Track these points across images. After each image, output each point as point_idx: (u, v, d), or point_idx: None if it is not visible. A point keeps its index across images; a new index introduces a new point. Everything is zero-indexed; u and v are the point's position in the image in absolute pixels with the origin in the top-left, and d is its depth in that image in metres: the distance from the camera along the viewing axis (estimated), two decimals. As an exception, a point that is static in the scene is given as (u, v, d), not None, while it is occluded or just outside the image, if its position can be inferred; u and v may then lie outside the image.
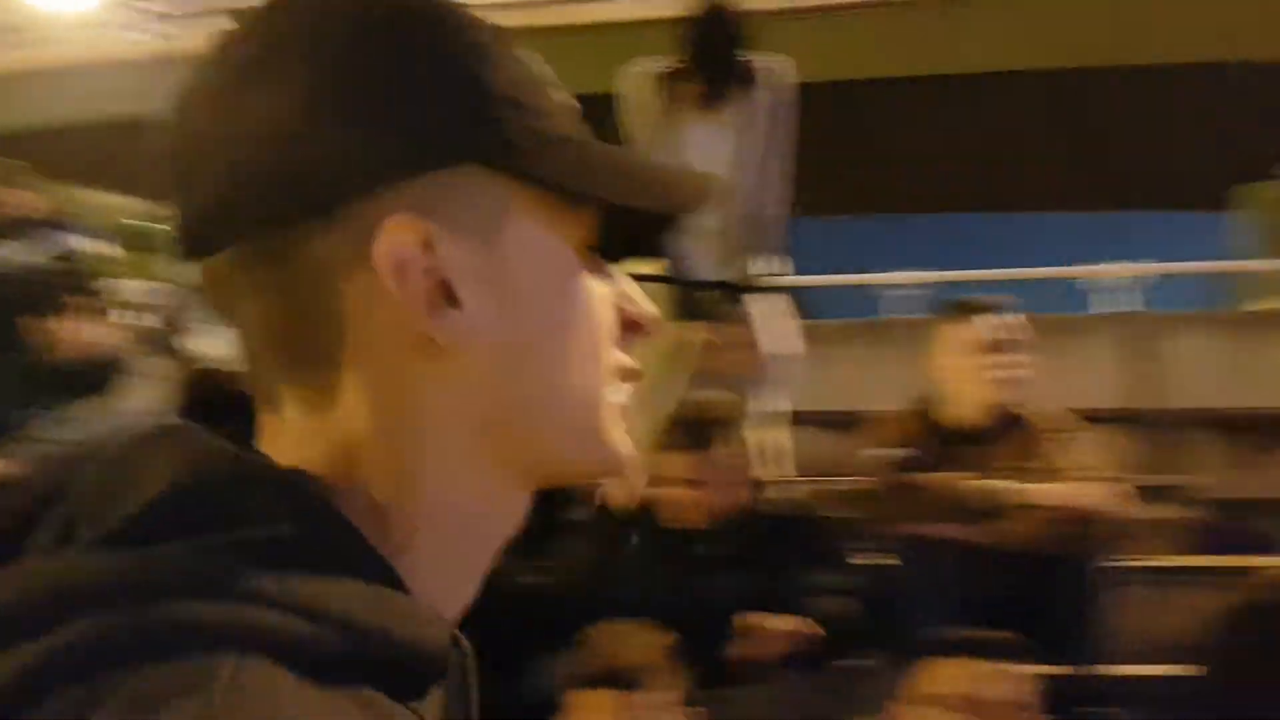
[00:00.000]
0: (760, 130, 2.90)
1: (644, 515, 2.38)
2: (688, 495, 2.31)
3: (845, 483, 3.37)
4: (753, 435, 2.80)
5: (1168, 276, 6.08)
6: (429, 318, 0.41)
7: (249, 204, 0.42)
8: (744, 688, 2.14)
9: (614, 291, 0.48)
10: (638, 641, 1.64)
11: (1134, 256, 6.04)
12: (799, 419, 3.84)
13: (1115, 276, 5.85)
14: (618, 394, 0.47)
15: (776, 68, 2.94)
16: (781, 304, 3.01)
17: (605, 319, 0.47)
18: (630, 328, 0.48)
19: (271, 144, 0.41)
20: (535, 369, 0.44)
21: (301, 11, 0.43)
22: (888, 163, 6.51)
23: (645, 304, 0.49)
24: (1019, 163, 6.64)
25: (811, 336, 4.70)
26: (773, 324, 2.98)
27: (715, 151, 2.85)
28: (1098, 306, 5.88)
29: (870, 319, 6.16)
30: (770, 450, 2.91)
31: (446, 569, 0.44)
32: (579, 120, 0.46)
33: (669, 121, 2.89)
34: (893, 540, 2.45)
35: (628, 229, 0.47)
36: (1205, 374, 4.84)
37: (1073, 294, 6.05)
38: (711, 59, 2.87)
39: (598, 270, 0.47)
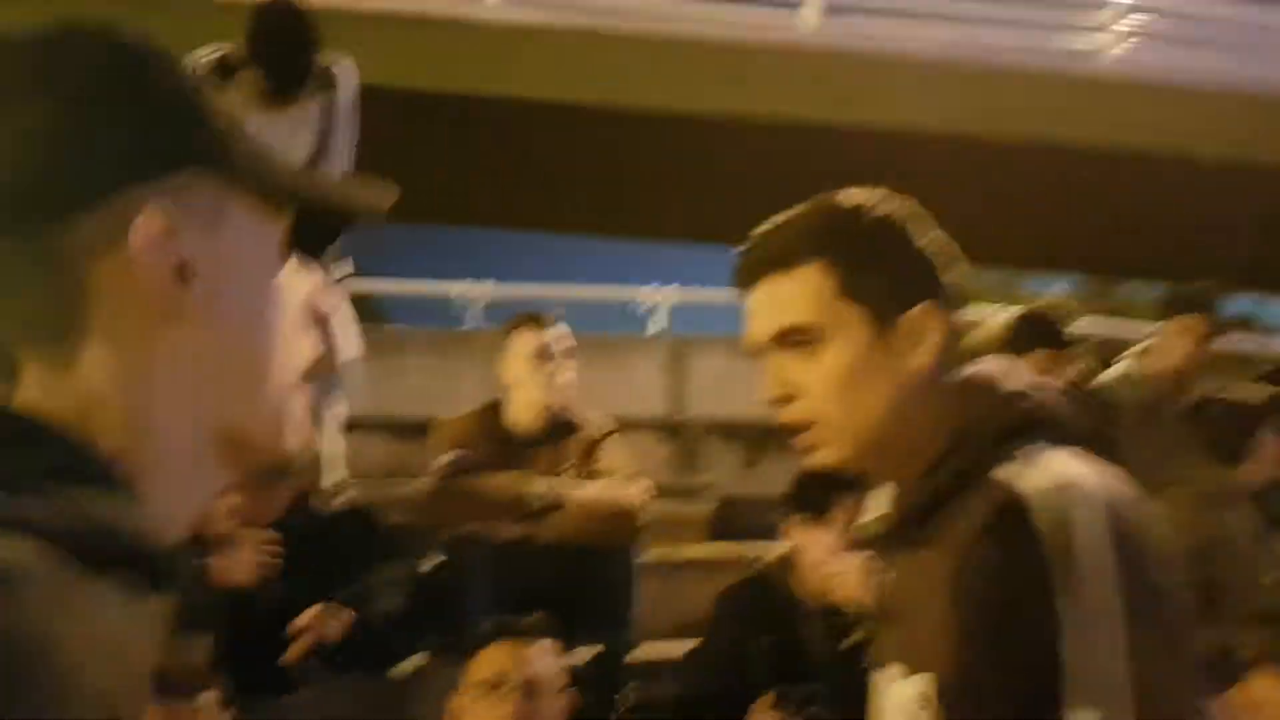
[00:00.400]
0: (327, 130, 2.88)
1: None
2: (223, 502, 2.21)
3: (408, 486, 3.42)
4: (317, 438, 2.76)
5: (700, 302, 6.87)
6: (170, 290, 0.51)
7: (13, 201, 0.50)
8: (298, 692, 2.11)
9: (308, 283, 0.58)
10: (181, 649, 1.58)
11: (676, 283, 6.78)
12: (369, 424, 3.84)
13: (661, 300, 6.53)
14: (303, 387, 0.57)
15: (342, 68, 2.93)
16: (344, 308, 2.98)
17: (297, 307, 0.57)
18: (318, 318, 0.59)
19: (38, 151, 0.50)
20: (245, 342, 0.54)
21: (40, 55, 0.53)
22: (470, 176, 6.68)
23: (329, 296, 0.56)
24: (587, 190, 7.12)
25: (388, 343, 4.69)
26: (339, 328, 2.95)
27: (276, 147, 2.78)
28: (651, 328, 6.52)
29: (450, 328, 6.28)
30: (329, 454, 2.87)
31: (167, 508, 0.52)
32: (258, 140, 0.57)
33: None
34: (448, 540, 2.54)
35: (311, 232, 0.58)
36: (724, 389, 5.56)
37: (633, 316, 6.65)
38: (277, 53, 2.80)
39: (295, 264, 0.57)
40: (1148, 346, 3.62)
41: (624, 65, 6.02)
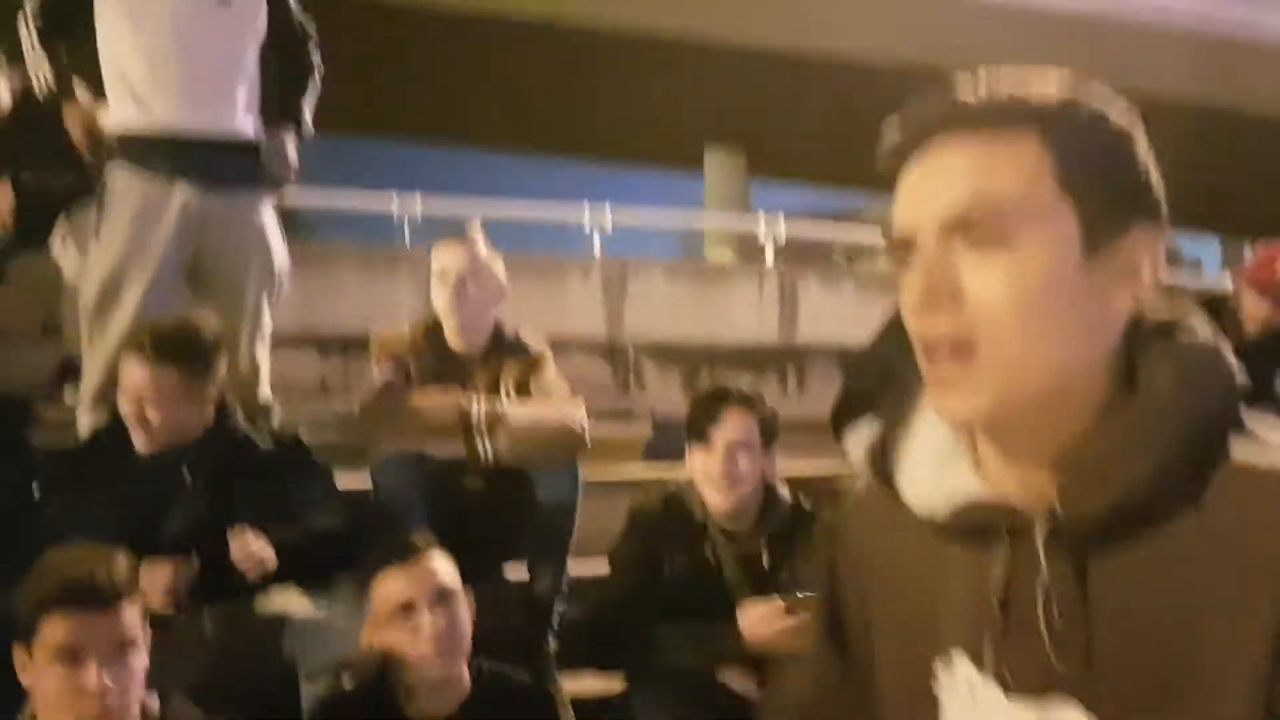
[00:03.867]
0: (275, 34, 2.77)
1: (115, 437, 2.20)
2: (158, 414, 2.15)
3: (340, 403, 3.38)
4: (244, 355, 2.69)
5: (641, 226, 6.86)
6: None
7: None
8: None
9: None
10: (105, 560, 1.56)
11: (625, 205, 6.73)
12: (297, 341, 3.77)
13: (602, 221, 6.49)
14: None
15: None
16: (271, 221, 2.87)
17: None
18: None
19: None
20: None
21: None
22: (419, 90, 6.51)
23: None
24: (536, 109, 6.98)
25: (319, 259, 4.60)
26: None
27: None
28: (597, 250, 6.48)
29: (387, 245, 6.17)
30: (253, 370, 2.77)
31: None
32: None
33: None
34: (384, 458, 2.46)
35: None
36: (666, 312, 5.57)
37: (580, 237, 6.57)
38: None
39: None
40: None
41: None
